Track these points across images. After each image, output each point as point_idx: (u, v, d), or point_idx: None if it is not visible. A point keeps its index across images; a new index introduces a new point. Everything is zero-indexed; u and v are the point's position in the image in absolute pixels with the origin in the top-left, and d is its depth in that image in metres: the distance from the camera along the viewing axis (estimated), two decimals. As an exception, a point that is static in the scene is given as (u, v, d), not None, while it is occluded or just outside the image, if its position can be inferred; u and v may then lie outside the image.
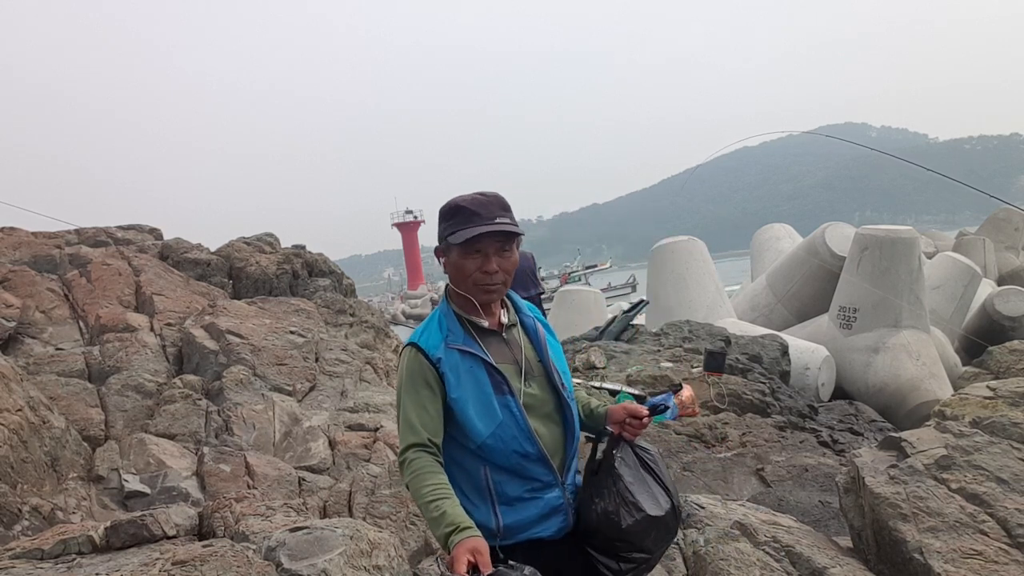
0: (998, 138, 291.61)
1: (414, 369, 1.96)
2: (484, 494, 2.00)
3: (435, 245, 2.11)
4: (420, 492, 1.85)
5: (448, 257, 2.03)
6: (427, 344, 1.99)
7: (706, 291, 12.06)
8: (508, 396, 1.99)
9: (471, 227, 1.94)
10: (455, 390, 1.96)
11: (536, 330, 2.15)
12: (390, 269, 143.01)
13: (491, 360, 2.00)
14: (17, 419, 3.93)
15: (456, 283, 2.03)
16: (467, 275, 2.00)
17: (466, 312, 2.05)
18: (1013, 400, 4.12)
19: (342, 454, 4.86)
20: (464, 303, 2.05)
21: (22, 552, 2.93)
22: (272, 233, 8.93)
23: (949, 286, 11.96)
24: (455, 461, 2.00)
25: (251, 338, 5.85)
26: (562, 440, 2.07)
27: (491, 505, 1.99)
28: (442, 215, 2.02)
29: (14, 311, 5.82)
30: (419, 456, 1.88)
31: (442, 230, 2.01)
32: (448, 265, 2.03)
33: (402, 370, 1.98)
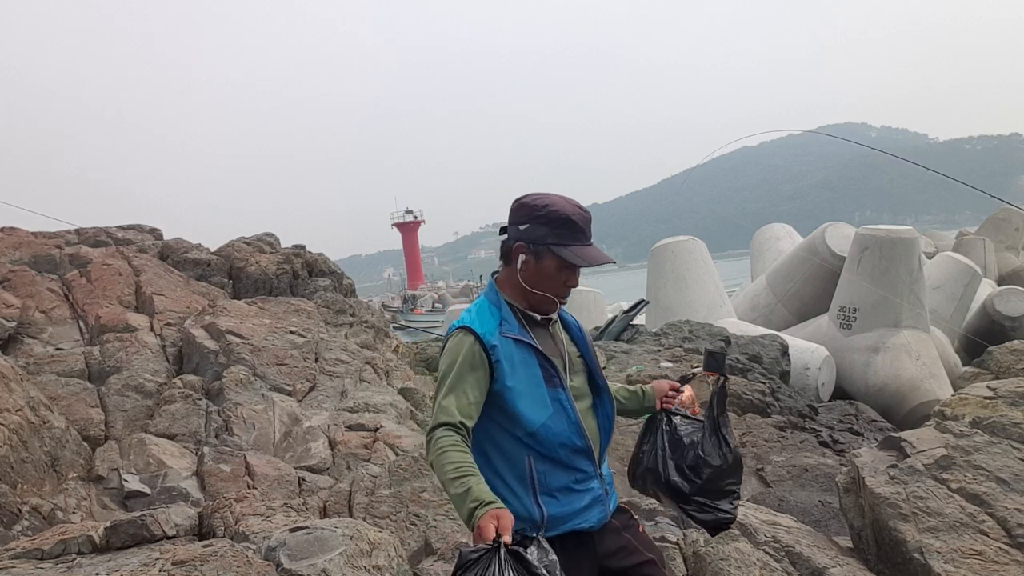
0: (998, 138, 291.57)
1: (466, 353, 1.96)
2: (527, 484, 2.01)
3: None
4: (444, 469, 1.82)
5: (538, 259, 2.05)
6: (482, 330, 1.99)
7: (706, 291, 12.06)
8: (559, 389, 2.03)
9: (579, 245, 2.04)
10: (510, 378, 1.98)
11: (578, 326, 2.23)
12: (390, 269, 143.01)
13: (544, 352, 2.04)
14: (17, 419, 3.93)
15: (533, 283, 2.06)
16: (553, 283, 2.06)
17: (520, 303, 2.09)
18: (1013, 400, 4.12)
19: (342, 454, 4.86)
20: (520, 295, 2.09)
21: (22, 552, 2.93)
22: (272, 233, 8.93)
23: (949, 286, 11.96)
24: (499, 448, 2.01)
25: (251, 338, 5.85)
26: (598, 433, 2.15)
27: (533, 495, 2.00)
28: (546, 219, 2.04)
29: (14, 311, 5.82)
30: (447, 435, 1.86)
31: (543, 234, 2.03)
32: (531, 264, 2.05)
33: (452, 352, 1.97)
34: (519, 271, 2.06)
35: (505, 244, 2.10)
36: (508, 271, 2.10)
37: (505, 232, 2.11)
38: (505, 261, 2.11)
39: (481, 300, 2.12)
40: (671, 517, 3.77)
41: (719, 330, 9.95)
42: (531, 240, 2.05)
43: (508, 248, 2.09)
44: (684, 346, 9.31)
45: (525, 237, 2.06)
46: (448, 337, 2.03)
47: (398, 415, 5.51)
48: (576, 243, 2.05)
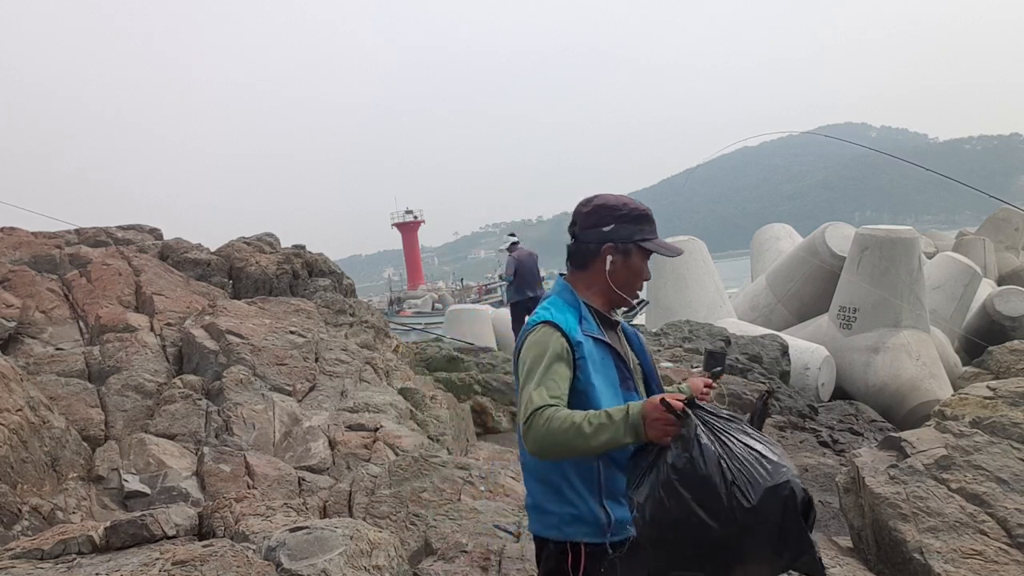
0: (998, 138, 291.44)
1: (554, 346, 1.96)
2: (593, 488, 2.00)
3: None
4: (567, 422, 1.80)
5: (626, 256, 2.10)
6: (567, 326, 2.00)
7: (706, 291, 12.06)
8: (633, 392, 2.06)
9: (656, 238, 2.14)
10: (593, 377, 1.99)
11: (635, 333, 2.27)
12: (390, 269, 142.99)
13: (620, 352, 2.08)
14: (17, 419, 3.93)
15: (621, 283, 2.10)
16: (639, 279, 2.13)
17: (598, 304, 2.12)
18: (1013, 400, 4.12)
19: (342, 454, 4.86)
20: (600, 296, 2.12)
21: (22, 552, 2.93)
22: (272, 233, 8.93)
23: (949, 286, 11.96)
24: None
25: (251, 338, 5.85)
26: None
27: (599, 499, 2.00)
28: (629, 217, 2.10)
29: (14, 311, 5.82)
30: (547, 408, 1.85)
31: (630, 231, 2.09)
32: (619, 263, 2.09)
33: (538, 345, 1.97)
34: (608, 272, 2.09)
35: (582, 247, 2.12)
36: (586, 274, 2.12)
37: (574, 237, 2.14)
38: (579, 264, 2.14)
39: (555, 299, 2.12)
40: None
41: (719, 330, 9.95)
42: (619, 239, 2.09)
43: (588, 251, 2.11)
44: (684, 346, 9.31)
45: (613, 237, 2.09)
46: (528, 332, 2.03)
47: (398, 415, 5.51)
48: (654, 237, 2.14)
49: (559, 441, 1.80)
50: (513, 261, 11.64)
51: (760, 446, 1.73)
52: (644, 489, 1.76)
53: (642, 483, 1.78)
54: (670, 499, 1.69)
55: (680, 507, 1.68)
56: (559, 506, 2.00)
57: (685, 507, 1.67)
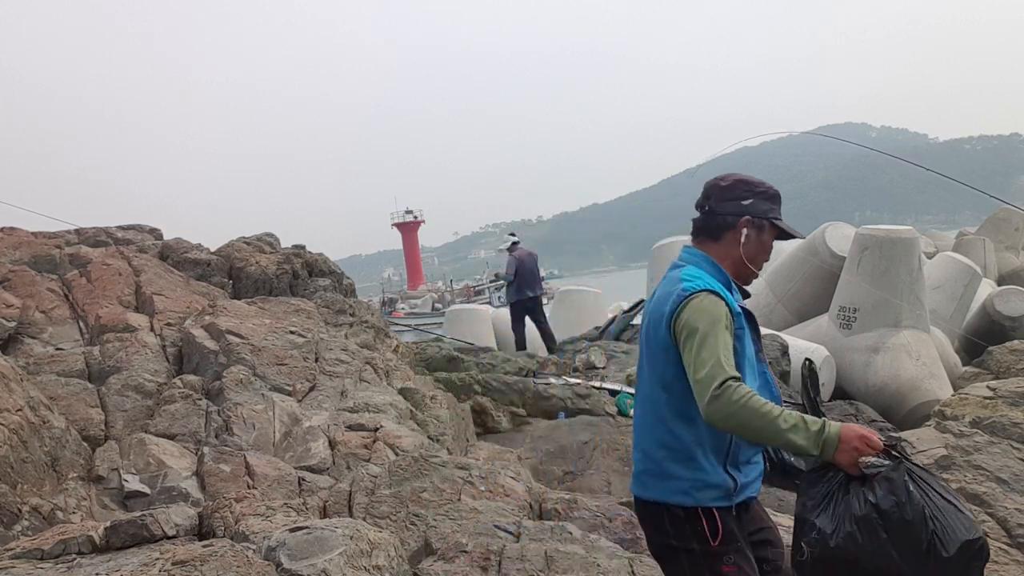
0: (998, 138, 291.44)
1: (722, 314, 2.03)
2: (721, 455, 2.08)
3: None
4: (763, 409, 1.88)
5: (759, 232, 2.19)
6: (727, 297, 2.07)
7: (706, 291, 12.06)
8: (765, 364, 2.21)
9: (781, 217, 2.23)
10: (746, 347, 2.10)
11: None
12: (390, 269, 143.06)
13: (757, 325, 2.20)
14: (17, 419, 3.93)
15: (751, 257, 2.20)
16: (765, 256, 2.23)
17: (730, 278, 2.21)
18: (1013, 400, 4.12)
19: (342, 454, 4.86)
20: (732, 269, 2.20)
21: (22, 552, 2.93)
22: (272, 233, 8.92)
23: (949, 286, 11.95)
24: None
25: (251, 338, 5.85)
26: None
27: (723, 466, 2.08)
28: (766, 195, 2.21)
29: (14, 311, 5.82)
30: (741, 385, 1.91)
31: (766, 208, 2.19)
32: (752, 237, 2.19)
33: (708, 311, 2.02)
34: (743, 245, 2.16)
35: (719, 219, 2.18)
36: (719, 246, 2.19)
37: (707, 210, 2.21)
38: (712, 236, 2.20)
39: (696, 270, 2.15)
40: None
41: (719, 330, 9.95)
42: (756, 214, 2.17)
43: (725, 223, 2.18)
44: (684, 346, 9.31)
45: (752, 211, 2.17)
46: (689, 298, 2.04)
47: (398, 415, 5.51)
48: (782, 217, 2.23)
49: (748, 422, 1.88)
50: (513, 261, 11.64)
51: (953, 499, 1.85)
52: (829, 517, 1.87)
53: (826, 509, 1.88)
54: (865, 535, 1.79)
55: (874, 545, 1.78)
56: (690, 472, 2.06)
57: (880, 547, 1.77)
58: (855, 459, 1.85)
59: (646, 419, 2.17)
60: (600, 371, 8.42)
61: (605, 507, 3.90)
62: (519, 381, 7.45)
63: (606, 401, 7.16)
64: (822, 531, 1.86)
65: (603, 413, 6.92)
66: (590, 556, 3.09)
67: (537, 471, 5.56)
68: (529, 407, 7.12)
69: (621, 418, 6.88)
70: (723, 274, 2.18)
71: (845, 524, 1.82)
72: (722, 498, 2.06)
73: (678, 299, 2.07)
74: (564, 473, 5.68)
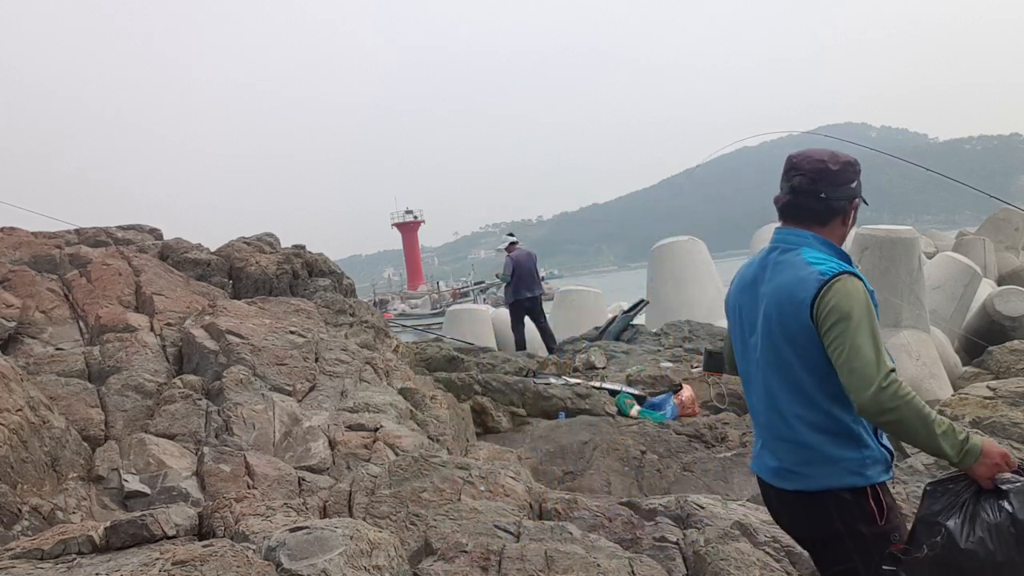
0: (998, 138, 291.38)
1: (868, 299, 2.05)
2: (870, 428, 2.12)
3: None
4: (924, 410, 1.92)
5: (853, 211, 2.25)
6: (864, 280, 2.10)
7: (706, 291, 12.07)
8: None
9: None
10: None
11: None
12: (390, 269, 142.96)
13: None
14: (17, 419, 3.94)
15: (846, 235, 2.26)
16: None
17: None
18: (1013, 400, 4.12)
19: (342, 454, 4.86)
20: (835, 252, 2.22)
21: (22, 552, 2.93)
22: (272, 233, 8.92)
23: (949, 286, 11.94)
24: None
25: (251, 338, 5.85)
26: None
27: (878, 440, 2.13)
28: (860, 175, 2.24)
29: (14, 311, 5.82)
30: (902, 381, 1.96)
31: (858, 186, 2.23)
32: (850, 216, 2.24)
33: (858, 297, 2.03)
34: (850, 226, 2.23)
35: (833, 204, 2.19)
36: (825, 230, 2.21)
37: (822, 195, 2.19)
38: (820, 221, 2.21)
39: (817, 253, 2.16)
40: None
41: (719, 330, 9.94)
42: (860, 194, 2.24)
43: (838, 208, 2.20)
44: (684, 346, 9.31)
45: (859, 192, 2.23)
46: (833, 280, 2.05)
47: (398, 415, 5.51)
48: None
49: (909, 419, 1.92)
50: (511, 261, 11.63)
51: None
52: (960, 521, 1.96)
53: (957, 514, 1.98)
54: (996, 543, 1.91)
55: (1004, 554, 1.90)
56: (856, 451, 2.08)
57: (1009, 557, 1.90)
58: (993, 473, 1.93)
59: (788, 408, 2.13)
60: (600, 371, 8.42)
61: (605, 507, 3.90)
62: (519, 381, 7.45)
63: (606, 401, 7.16)
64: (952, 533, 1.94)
65: (603, 413, 6.91)
66: (590, 556, 3.09)
67: (537, 471, 5.56)
68: (529, 407, 7.12)
69: (621, 418, 6.88)
70: (841, 253, 2.20)
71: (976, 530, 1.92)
72: (885, 471, 2.10)
73: (819, 282, 2.05)
74: (564, 473, 5.68)
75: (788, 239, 2.21)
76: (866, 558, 2.05)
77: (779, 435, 2.18)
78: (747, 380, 2.33)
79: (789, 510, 2.24)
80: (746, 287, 2.30)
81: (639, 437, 6.15)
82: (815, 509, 2.12)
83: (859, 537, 2.06)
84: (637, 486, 5.53)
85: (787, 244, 2.20)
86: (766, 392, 2.20)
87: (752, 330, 2.24)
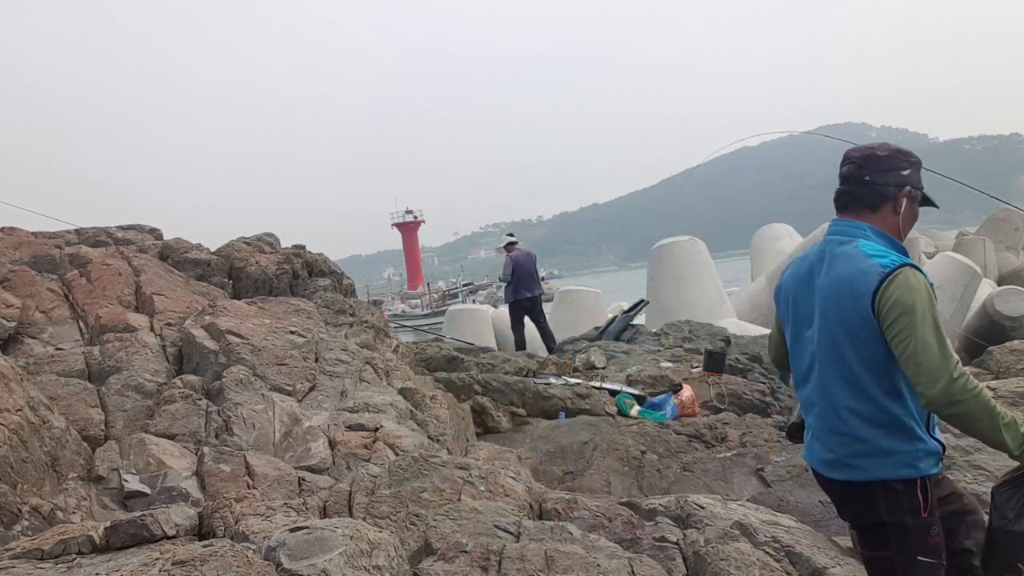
0: (998, 138, 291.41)
1: (931, 294, 2.06)
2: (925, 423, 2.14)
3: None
4: (991, 403, 1.96)
5: (912, 202, 2.23)
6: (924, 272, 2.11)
7: (706, 291, 12.08)
8: None
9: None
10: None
11: None
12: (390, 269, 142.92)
13: None
14: (17, 419, 3.94)
15: (906, 227, 2.24)
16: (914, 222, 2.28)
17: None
18: (1013, 400, 4.13)
19: (342, 454, 4.86)
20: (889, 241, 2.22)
21: (22, 552, 2.93)
22: (272, 233, 8.93)
23: (949, 286, 11.95)
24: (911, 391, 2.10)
25: (251, 338, 5.85)
26: None
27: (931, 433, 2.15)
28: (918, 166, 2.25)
29: (14, 311, 5.82)
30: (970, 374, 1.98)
31: (918, 179, 2.24)
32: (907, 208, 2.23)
33: (922, 291, 2.04)
34: (901, 215, 2.20)
35: (879, 189, 2.19)
36: (876, 216, 2.21)
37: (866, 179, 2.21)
38: (869, 206, 2.21)
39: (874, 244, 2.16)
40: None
41: (719, 330, 9.95)
42: (914, 184, 2.22)
43: (885, 193, 2.19)
44: (684, 346, 9.31)
45: (910, 181, 2.21)
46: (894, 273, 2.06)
47: (398, 415, 5.51)
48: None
49: (975, 412, 1.95)
50: (510, 261, 11.63)
51: None
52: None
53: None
54: None
55: None
56: (910, 444, 2.10)
57: None
58: None
59: (842, 401, 2.16)
60: (600, 371, 8.42)
61: (605, 507, 3.90)
62: (519, 381, 7.45)
63: (606, 401, 7.16)
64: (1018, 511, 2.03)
65: (603, 413, 6.91)
66: (590, 556, 3.09)
67: (537, 471, 5.56)
68: (529, 407, 7.12)
69: (621, 418, 6.88)
70: (899, 245, 2.19)
71: None
72: (936, 464, 2.13)
73: (880, 275, 2.06)
74: (564, 473, 5.68)
75: (845, 231, 2.22)
76: (903, 548, 2.11)
77: (832, 428, 2.21)
78: (800, 373, 2.36)
79: (844, 497, 2.30)
80: (801, 280, 2.30)
81: (639, 437, 6.15)
82: (864, 499, 2.17)
83: (901, 528, 2.11)
84: (637, 486, 5.53)
85: (844, 236, 2.21)
86: (820, 385, 2.23)
87: (808, 323, 2.26)
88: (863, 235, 2.18)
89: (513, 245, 11.93)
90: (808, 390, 2.31)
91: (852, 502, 2.23)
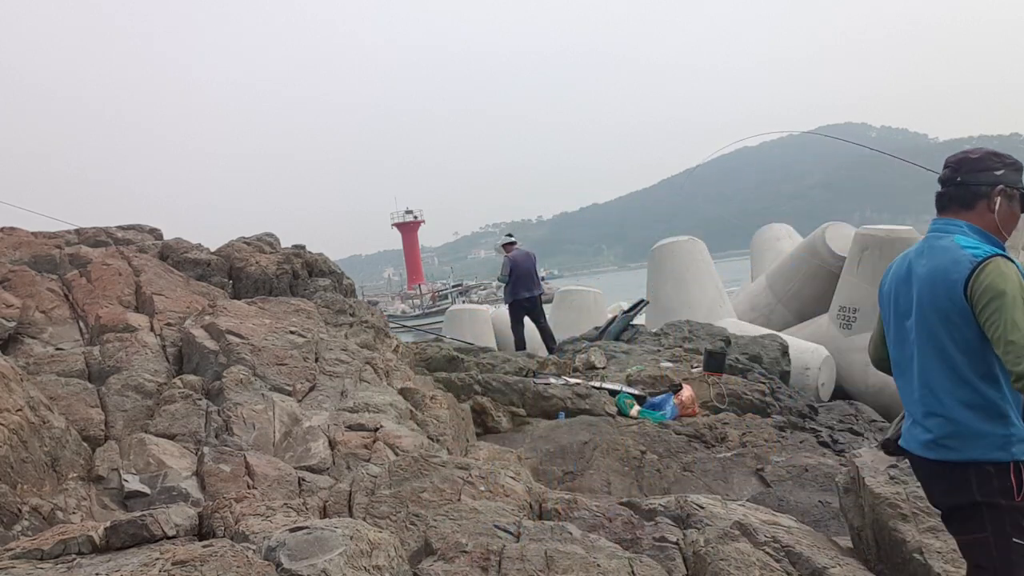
0: (998, 138, 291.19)
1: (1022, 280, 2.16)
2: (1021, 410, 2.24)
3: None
4: None
5: (1010, 201, 2.33)
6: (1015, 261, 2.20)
7: (706, 291, 12.07)
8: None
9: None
10: None
11: None
12: (390, 269, 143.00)
13: None
14: (17, 419, 3.94)
15: (1003, 224, 2.33)
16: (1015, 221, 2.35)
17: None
18: (1013, 400, 4.12)
19: (342, 454, 4.86)
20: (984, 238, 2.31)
21: (22, 552, 2.93)
22: (272, 233, 8.93)
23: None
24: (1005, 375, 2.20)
25: (251, 338, 5.85)
26: None
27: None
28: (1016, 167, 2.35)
29: (14, 311, 5.82)
30: None
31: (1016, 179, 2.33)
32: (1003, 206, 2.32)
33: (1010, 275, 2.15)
34: (996, 212, 2.31)
35: (972, 188, 2.32)
36: (972, 214, 2.33)
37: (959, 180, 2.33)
38: (965, 205, 2.33)
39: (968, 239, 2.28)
40: None
41: (719, 330, 9.94)
42: (1009, 183, 2.31)
43: (979, 192, 2.31)
44: (684, 346, 9.30)
45: (1004, 181, 2.32)
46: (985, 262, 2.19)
47: (398, 415, 5.51)
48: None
49: None
50: (509, 262, 11.63)
51: None
52: None
53: None
54: None
55: None
56: (1004, 428, 2.20)
57: None
58: None
59: (940, 385, 2.29)
60: (600, 371, 8.42)
61: (605, 507, 3.90)
62: (519, 381, 7.45)
63: (606, 401, 7.16)
64: None
65: (603, 413, 6.91)
66: (590, 556, 3.09)
67: (537, 471, 5.56)
68: (529, 407, 7.12)
69: (621, 418, 6.88)
70: (992, 239, 2.30)
71: None
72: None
73: (972, 263, 2.20)
74: (564, 473, 5.68)
75: (942, 228, 2.37)
76: (999, 529, 2.19)
77: (932, 410, 2.35)
78: (900, 362, 2.51)
79: (932, 479, 2.41)
80: (901, 276, 2.45)
81: (639, 437, 6.15)
82: (957, 479, 2.27)
83: (996, 508, 2.20)
84: (637, 486, 5.53)
85: (941, 232, 2.36)
86: (920, 371, 2.38)
87: (908, 314, 2.40)
88: (959, 231, 2.32)
89: (511, 245, 11.93)
90: (907, 376, 2.48)
91: (945, 482, 2.33)
